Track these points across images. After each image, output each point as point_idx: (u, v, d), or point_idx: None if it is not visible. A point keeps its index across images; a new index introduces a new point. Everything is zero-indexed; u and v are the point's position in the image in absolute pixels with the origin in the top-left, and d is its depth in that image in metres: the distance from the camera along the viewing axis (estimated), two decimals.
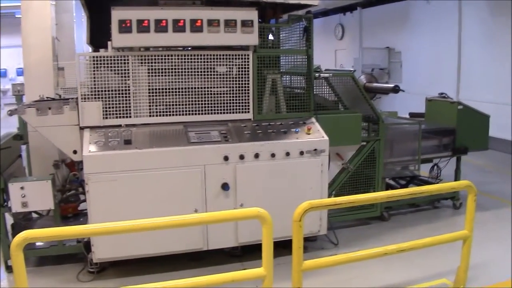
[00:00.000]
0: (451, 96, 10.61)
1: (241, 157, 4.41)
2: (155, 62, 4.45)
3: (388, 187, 6.34)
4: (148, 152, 4.23)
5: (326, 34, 18.15)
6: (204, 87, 4.59)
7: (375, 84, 6.46)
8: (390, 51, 14.58)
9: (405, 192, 3.68)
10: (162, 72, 4.49)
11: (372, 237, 5.52)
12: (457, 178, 6.55)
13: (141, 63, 4.43)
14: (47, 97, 4.87)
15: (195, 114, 4.59)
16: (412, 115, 7.02)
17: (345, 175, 5.51)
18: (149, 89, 4.50)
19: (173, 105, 4.54)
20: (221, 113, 4.64)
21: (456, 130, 6.26)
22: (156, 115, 4.52)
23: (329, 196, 5.28)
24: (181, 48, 4.61)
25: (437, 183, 6.76)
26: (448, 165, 6.74)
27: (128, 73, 4.40)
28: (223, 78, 4.63)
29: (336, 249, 5.20)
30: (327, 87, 5.53)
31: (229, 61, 4.60)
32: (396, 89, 5.88)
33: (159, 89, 4.52)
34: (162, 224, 3.09)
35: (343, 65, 17.06)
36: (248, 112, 4.71)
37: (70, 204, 5.17)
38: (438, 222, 6.18)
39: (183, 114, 4.56)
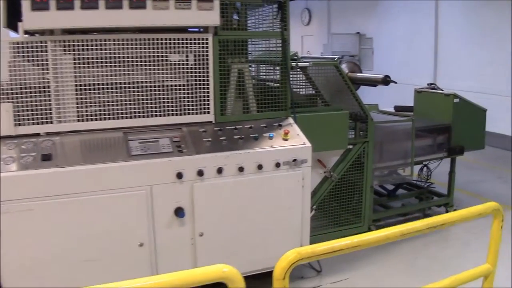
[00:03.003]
0: (424, 83, 9.96)
1: (200, 173, 3.37)
2: (83, 50, 3.34)
3: (374, 193, 5.44)
4: (73, 171, 3.13)
5: (292, 19, 16.94)
6: (150, 82, 3.52)
7: (359, 75, 5.49)
8: (361, 37, 13.78)
9: (424, 225, 2.73)
10: (93, 63, 3.39)
11: (361, 258, 4.60)
12: (451, 181, 5.70)
13: (65, 51, 3.32)
14: None
15: (139, 116, 3.51)
16: (398, 108, 6.12)
17: (328, 185, 4.55)
18: (76, 86, 3.39)
19: (109, 105, 3.45)
20: (173, 114, 3.58)
21: (451, 127, 5.39)
22: (87, 120, 3.43)
23: (310, 210, 4.32)
24: (118, 31, 3.50)
25: (427, 186, 5.94)
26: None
27: (48, 64, 3.29)
28: (175, 69, 3.56)
29: (319, 277, 4.27)
30: (304, 78, 4.56)
31: (182, 47, 3.53)
32: (387, 81, 4.94)
33: (89, 85, 3.42)
34: None
35: (310, 52, 16.15)
36: (208, 112, 3.66)
37: None
38: (431, 233, 5.32)
39: (122, 118, 3.48)
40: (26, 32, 3.31)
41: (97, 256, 3.23)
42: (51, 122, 3.35)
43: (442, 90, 5.96)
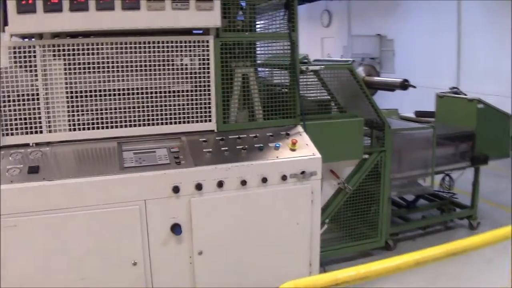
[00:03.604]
0: (447, 86, 9.54)
1: (198, 187, 3.10)
2: (74, 55, 3.11)
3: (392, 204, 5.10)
4: (60, 184, 2.89)
5: (312, 21, 16.84)
6: (147, 88, 3.27)
7: (376, 78, 5.16)
8: (382, 38, 13.38)
9: (443, 252, 2.40)
10: (85, 69, 3.16)
11: None
12: (475, 192, 5.32)
13: (54, 56, 3.09)
14: None
15: (134, 125, 3.27)
16: (419, 114, 5.76)
17: (342, 197, 4.25)
18: (67, 93, 3.16)
19: (102, 113, 3.21)
20: (171, 123, 3.32)
21: (475, 134, 5.02)
22: (79, 129, 3.19)
23: (322, 224, 4.02)
24: (111, 35, 3.26)
25: (450, 196, 5.57)
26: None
27: (36, 70, 3.07)
28: (173, 74, 3.30)
29: None
30: (317, 83, 4.27)
31: (181, 51, 3.27)
32: (405, 85, 4.60)
33: (82, 92, 3.18)
34: None
35: (330, 54, 15.80)
36: (210, 120, 3.39)
37: None
38: None
39: (117, 127, 3.24)
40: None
41: (86, 275, 2.99)
42: (41, 132, 3.13)
43: (465, 95, 5.60)
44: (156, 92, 3.28)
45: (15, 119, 3.08)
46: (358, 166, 4.28)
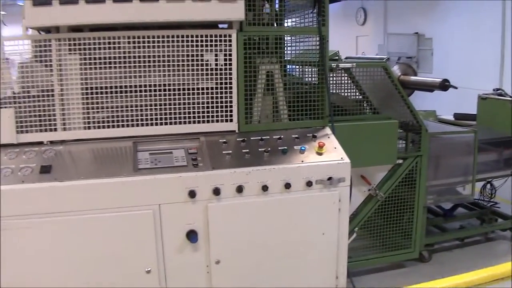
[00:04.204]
0: (488, 88, 9.04)
1: (216, 191, 2.88)
2: (90, 49, 2.95)
3: (428, 211, 4.77)
4: (72, 186, 2.73)
5: (347, 19, 16.43)
6: (165, 85, 3.08)
7: (413, 78, 4.83)
8: (419, 37, 12.89)
9: (487, 277, 2.13)
10: (101, 64, 2.99)
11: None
12: None
13: (70, 50, 2.94)
14: None
15: (151, 124, 3.08)
16: (459, 117, 5.41)
17: (373, 204, 3.97)
18: (83, 89, 3.01)
19: (118, 111, 3.04)
20: (190, 122, 3.12)
21: None
22: (94, 127, 3.03)
23: (351, 233, 3.77)
24: (128, 28, 3.08)
25: (491, 205, 5.20)
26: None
27: (51, 65, 2.92)
28: (193, 71, 3.10)
29: None
30: (349, 81, 3.99)
31: (201, 46, 3.06)
32: (445, 85, 4.27)
33: (98, 88, 3.02)
34: None
35: (365, 52, 15.39)
36: (231, 120, 3.18)
37: None
38: (494, 261, 4.60)
39: (133, 125, 3.06)
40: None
41: (98, 281, 2.83)
42: (55, 130, 2.99)
43: (511, 97, 5.21)
44: (174, 90, 3.09)
45: (30, 116, 2.94)
46: (391, 171, 3.98)
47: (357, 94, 4.03)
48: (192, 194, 2.84)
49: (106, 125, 3.04)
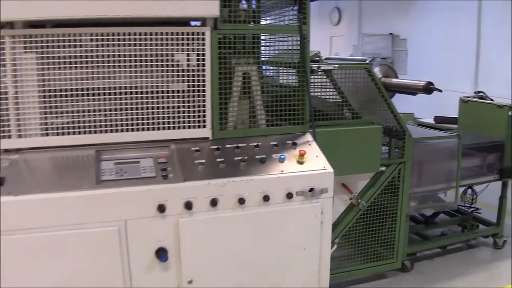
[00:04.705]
0: (466, 90, 8.99)
1: (188, 205, 2.61)
2: (49, 48, 2.64)
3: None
4: (28, 200, 2.42)
5: (321, 19, 16.29)
6: (132, 88, 2.80)
7: (395, 80, 4.65)
8: (394, 38, 12.83)
9: None
10: (61, 64, 2.69)
11: None
12: (502, 208, 4.81)
13: (26, 48, 2.63)
14: None
15: (116, 131, 2.80)
16: (439, 120, 5.26)
17: (355, 214, 3.76)
18: (40, 92, 2.70)
19: (80, 116, 2.75)
20: (159, 128, 2.85)
21: (505, 144, 4.51)
22: (53, 134, 2.73)
23: (331, 244, 3.55)
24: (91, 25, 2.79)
25: (472, 211, 5.07)
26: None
27: (5, 65, 2.61)
28: (163, 72, 2.83)
29: None
30: (329, 84, 3.78)
31: (172, 45, 2.80)
32: (429, 88, 4.09)
33: (57, 91, 2.72)
34: None
35: (338, 53, 15.28)
36: (204, 126, 2.92)
37: None
38: (476, 269, 4.48)
39: (96, 132, 2.77)
40: None
41: None
42: (9, 137, 2.67)
43: (492, 100, 5.09)
44: (142, 93, 2.81)
45: None
46: (373, 179, 3.78)
47: (338, 97, 3.82)
48: (161, 208, 2.57)
49: (66, 132, 2.74)
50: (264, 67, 3.31)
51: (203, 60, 2.84)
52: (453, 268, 4.47)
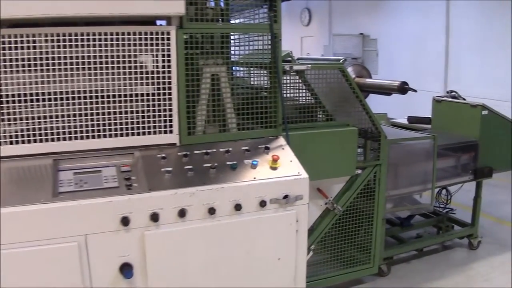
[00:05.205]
0: (436, 90, 9.01)
1: (154, 217, 2.43)
2: (1, 50, 2.42)
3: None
4: None
5: (291, 20, 16.23)
6: (92, 92, 2.60)
7: (369, 81, 4.56)
8: (364, 38, 12.85)
9: None
10: (15, 67, 2.47)
11: None
12: (476, 208, 4.78)
13: None
14: None
15: (76, 138, 2.60)
16: (413, 120, 5.20)
17: (330, 219, 3.64)
18: None
19: (35, 123, 2.53)
20: (122, 134, 2.66)
21: (478, 144, 4.47)
22: (6, 143, 2.50)
23: (307, 251, 3.42)
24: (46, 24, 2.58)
25: (447, 211, 5.03)
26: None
27: None
28: (125, 74, 2.63)
29: None
30: (301, 85, 3.65)
31: (135, 45, 2.61)
32: (404, 88, 4.01)
33: (9, 96, 2.50)
34: None
35: (310, 54, 15.23)
36: (171, 132, 2.74)
37: None
38: (452, 270, 4.42)
39: (53, 140, 2.57)
40: None
41: None
42: None
43: (464, 99, 5.05)
44: (103, 97, 2.62)
45: None
46: (349, 182, 3.67)
47: (310, 98, 3.69)
48: (125, 221, 2.38)
49: (21, 140, 2.52)
50: (234, 68, 3.14)
51: (169, 61, 2.66)
52: (429, 271, 4.42)
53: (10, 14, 2.29)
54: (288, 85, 3.56)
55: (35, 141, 2.54)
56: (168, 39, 2.64)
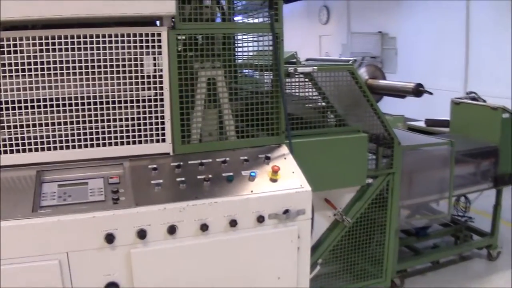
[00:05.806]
0: (456, 89, 8.68)
1: (141, 234, 2.25)
2: None
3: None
4: None
5: (309, 18, 16.01)
6: (79, 98, 2.43)
7: (383, 82, 4.30)
8: (383, 36, 12.55)
9: None
10: None
11: None
12: (496, 217, 4.50)
13: None
14: None
15: (61, 148, 2.44)
16: (431, 123, 4.93)
17: (339, 231, 3.42)
18: None
19: (18, 132, 2.38)
20: (111, 144, 2.49)
21: (499, 149, 4.19)
22: None
23: (314, 265, 3.23)
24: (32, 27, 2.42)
25: (465, 220, 4.75)
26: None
27: None
28: (114, 79, 2.46)
29: None
30: (309, 88, 3.44)
31: (123, 48, 2.44)
32: (419, 91, 3.75)
33: None
34: None
35: (328, 53, 14.98)
36: (164, 140, 2.56)
37: None
38: (470, 283, 4.17)
39: (38, 149, 2.41)
40: None
41: None
42: None
43: (484, 101, 4.78)
44: (91, 103, 2.45)
45: None
46: (359, 192, 3.44)
47: (319, 102, 3.48)
48: (109, 238, 2.21)
49: (3, 150, 2.38)
50: (232, 72, 2.94)
51: (160, 64, 2.48)
52: (446, 284, 4.19)
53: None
54: (295, 88, 3.36)
55: (18, 151, 2.39)
56: (159, 41, 2.45)
